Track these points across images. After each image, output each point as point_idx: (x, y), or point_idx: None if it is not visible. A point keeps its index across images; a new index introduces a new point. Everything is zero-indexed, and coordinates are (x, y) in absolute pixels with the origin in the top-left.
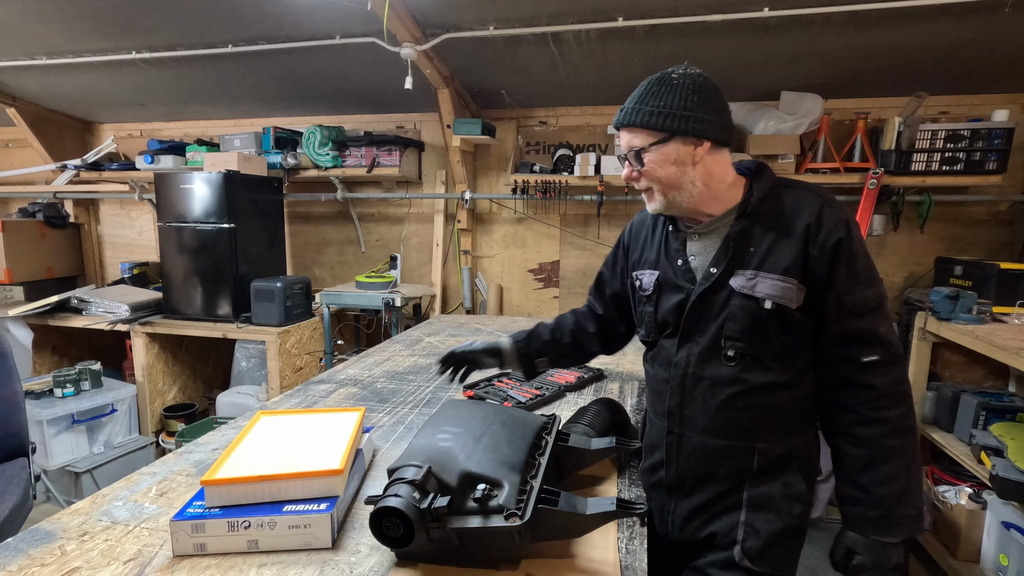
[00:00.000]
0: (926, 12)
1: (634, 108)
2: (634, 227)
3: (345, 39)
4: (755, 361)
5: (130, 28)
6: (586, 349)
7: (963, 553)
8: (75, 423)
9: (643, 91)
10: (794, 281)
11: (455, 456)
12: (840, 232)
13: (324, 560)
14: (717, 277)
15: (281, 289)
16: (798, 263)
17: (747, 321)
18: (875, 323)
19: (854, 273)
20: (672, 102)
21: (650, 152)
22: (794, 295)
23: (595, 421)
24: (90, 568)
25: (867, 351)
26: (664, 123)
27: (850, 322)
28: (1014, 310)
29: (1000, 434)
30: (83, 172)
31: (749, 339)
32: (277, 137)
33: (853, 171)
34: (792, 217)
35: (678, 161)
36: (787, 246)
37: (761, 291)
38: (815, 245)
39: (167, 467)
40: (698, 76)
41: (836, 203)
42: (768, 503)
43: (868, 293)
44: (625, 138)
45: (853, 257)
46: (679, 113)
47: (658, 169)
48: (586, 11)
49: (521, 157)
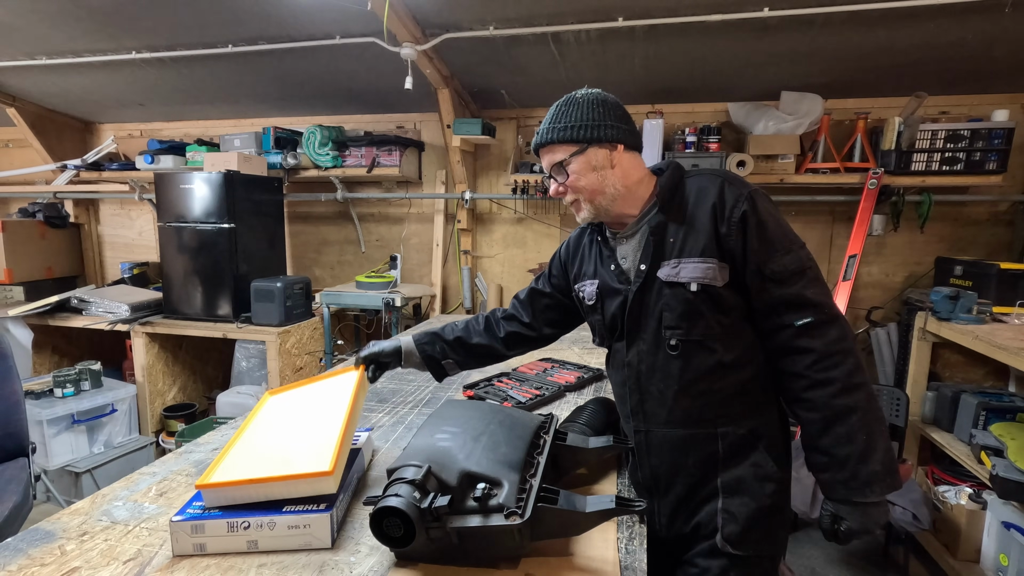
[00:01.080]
0: (926, 12)
1: (549, 128)
2: (570, 245)
3: (345, 39)
4: (698, 346)
5: (130, 28)
6: (498, 351)
7: (963, 553)
8: (75, 423)
9: (554, 114)
10: (713, 261)
11: (454, 456)
12: (743, 205)
13: (324, 560)
14: (647, 273)
15: (281, 289)
16: (712, 242)
17: (680, 308)
18: (801, 287)
19: (767, 241)
20: (581, 117)
21: (571, 163)
22: (715, 273)
23: (592, 420)
24: (90, 568)
25: (798, 314)
26: (579, 135)
27: (775, 290)
28: (1014, 310)
29: (1000, 434)
30: (83, 172)
31: (686, 325)
32: (277, 137)
33: (853, 171)
34: (699, 201)
35: (597, 167)
36: (699, 229)
37: (685, 275)
38: (723, 222)
39: (167, 467)
40: (599, 93)
41: (737, 179)
42: (741, 486)
43: (787, 259)
44: (546, 158)
45: (762, 226)
46: (590, 124)
47: (581, 178)
48: (586, 11)
49: (521, 157)
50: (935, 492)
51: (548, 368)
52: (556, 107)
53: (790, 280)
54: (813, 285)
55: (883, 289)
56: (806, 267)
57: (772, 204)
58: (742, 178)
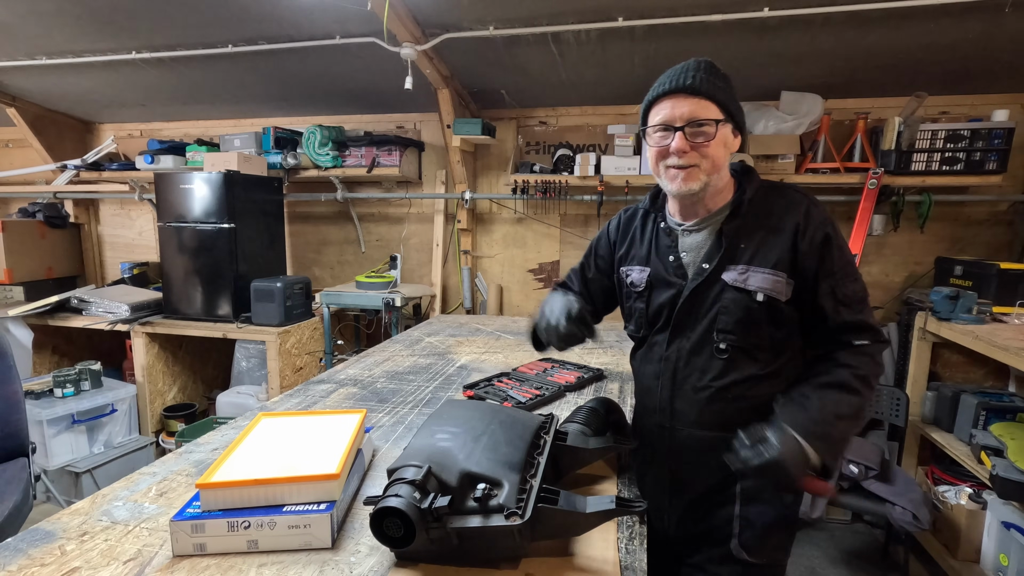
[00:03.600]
0: (926, 12)
1: (704, 79)
2: (621, 223)
3: (345, 39)
4: (744, 353)
5: (130, 28)
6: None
7: (963, 553)
8: (75, 423)
9: (701, 68)
10: (783, 275)
11: (455, 456)
12: (827, 228)
13: (324, 560)
14: (709, 272)
15: (281, 289)
16: (787, 258)
17: (739, 314)
18: (867, 314)
19: (843, 267)
20: (730, 88)
21: (716, 128)
22: (783, 288)
23: (592, 420)
24: (90, 568)
25: (860, 336)
26: (731, 105)
27: (845, 313)
28: (1014, 310)
29: (1000, 434)
30: (83, 172)
31: (741, 331)
32: (277, 137)
33: (853, 171)
34: (781, 215)
35: (727, 145)
36: (777, 242)
37: (753, 284)
38: (804, 240)
39: (167, 467)
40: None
41: (820, 204)
42: (760, 494)
43: (857, 286)
44: (687, 107)
45: (841, 253)
46: (736, 100)
47: (716, 147)
48: (586, 11)
49: (521, 157)
50: (935, 492)
51: (548, 368)
52: (702, 63)
53: (857, 306)
54: (871, 313)
55: (883, 289)
56: (866, 295)
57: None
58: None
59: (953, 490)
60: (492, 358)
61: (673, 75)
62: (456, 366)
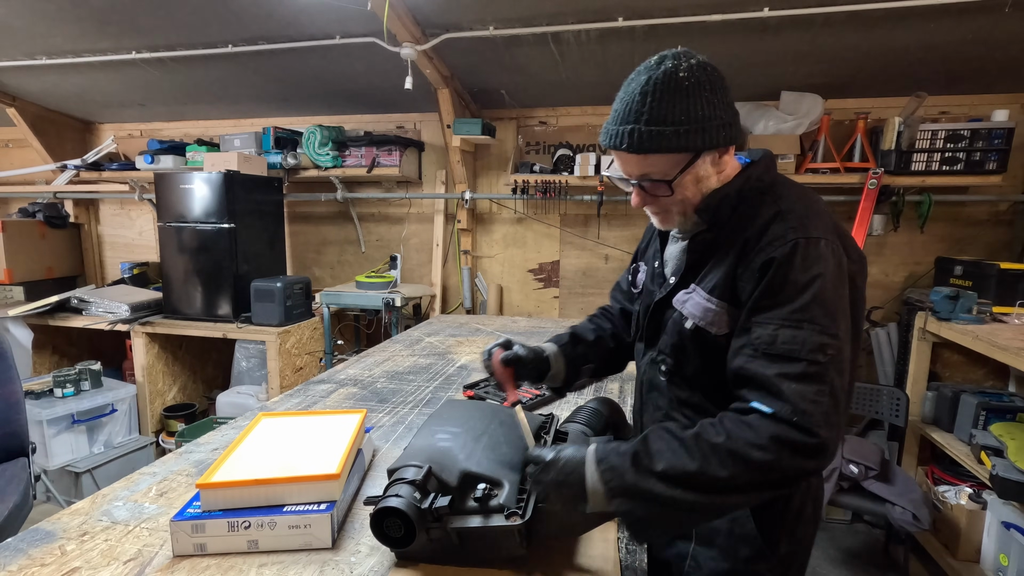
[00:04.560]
0: (926, 12)
1: (645, 135)
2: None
3: (345, 39)
4: (684, 381)
5: (130, 28)
6: (625, 355)
7: (963, 553)
8: (75, 423)
9: (650, 100)
10: (722, 304)
11: (455, 456)
12: (779, 249)
13: (324, 560)
14: (673, 287)
15: (281, 289)
16: (727, 281)
17: (674, 338)
18: (798, 382)
19: (776, 301)
20: (693, 111)
21: (676, 180)
22: (716, 319)
23: (592, 420)
24: (90, 568)
25: (764, 398)
26: (691, 142)
27: (757, 363)
28: (1014, 310)
29: (1000, 434)
30: (83, 172)
31: (675, 356)
32: (277, 137)
33: (853, 171)
34: (741, 225)
35: (704, 176)
36: (725, 260)
37: (688, 309)
38: (744, 262)
39: (167, 467)
40: (705, 66)
41: (799, 216)
42: (715, 538)
43: (800, 337)
44: (634, 166)
45: (783, 283)
46: (704, 124)
47: (684, 191)
48: (586, 11)
49: (521, 157)
50: (935, 492)
51: None
52: (654, 90)
53: (784, 363)
54: (807, 384)
55: (883, 289)
56: (814, 359)
57: (834, 270)
58: (811, 214)
59: (953, 490)
60: None
61: (614, 121)
62: (456, 366)
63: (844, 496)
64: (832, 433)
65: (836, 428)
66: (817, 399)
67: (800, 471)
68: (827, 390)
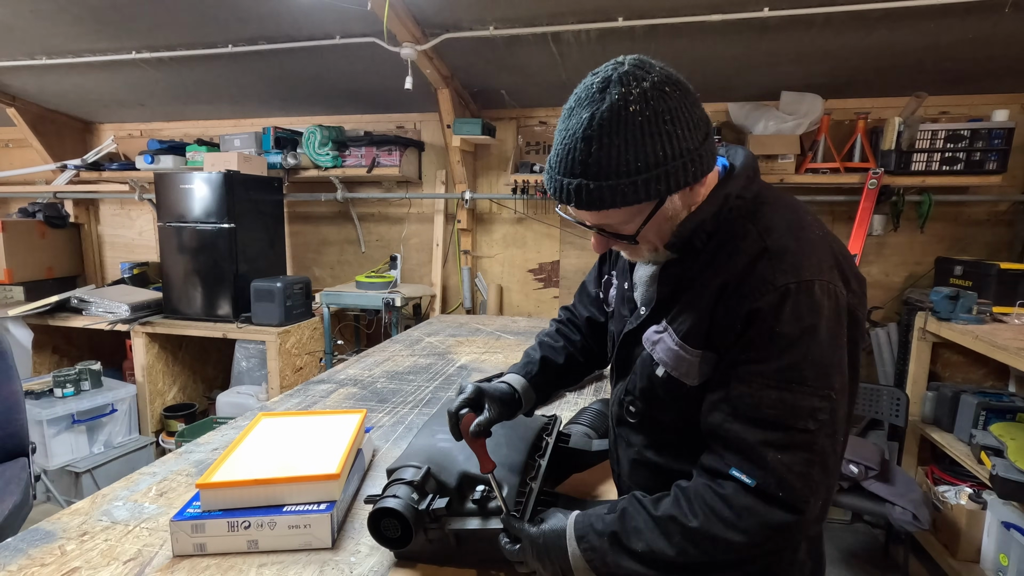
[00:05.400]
0: (926, 12)
1: (595, 187)
2: None
3: (345, 39)
4: (656, 425)
5: (130, 28)
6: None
7: (963, 553)
8: (75, 423)
9: (595, 148)
10: (695, 352)
11: (454, 457)
12: (765, 298)
13: (324, 560)
14: (644, 319)
15: (281, 289)
16: (701, 327)
17: (644, 382)
18: (768, 444)
19: (762, 356)
20: (652, 153)
21: (636, 236)
22: (690, 369)
23: (596, 422)
24: (90, 568)
25: (741, 465)
26: (651, 190)
27: (734, 425)
28: (1014, 310)
29: (1000, 434)
30: (83, 172)
31: (644, 400)
32: (277, 137)
33: (853, 171)
34: (717, 260)
35: (674, 215)
36: (699, 304)
37: (658, 353)
38: (725, 306)
39: (167, 467)
40: (662, 87)
41: (790, 255)
42: None
43: (771, 396)
44: (588, 217)
45: (770, 336)
46: (667, 167)
47: (649, 235)
48: (586, 11)
49: (521, 157)
50: (935, 492)
51: None
52: (591, 130)
53: (763, 429)
54: (794, 456)
55: (883, 289)
56: (804, 429)
57: (830, 315)
58: (803, 248)
59: (953, 490)
60: (492, 358)
61: (556, 167)
62: (456, 366)
63: (844, 496)
64: (819, 501)
65: (825, 495)
66: (805, 471)
67: (785, 544)
68: (816, 460)
